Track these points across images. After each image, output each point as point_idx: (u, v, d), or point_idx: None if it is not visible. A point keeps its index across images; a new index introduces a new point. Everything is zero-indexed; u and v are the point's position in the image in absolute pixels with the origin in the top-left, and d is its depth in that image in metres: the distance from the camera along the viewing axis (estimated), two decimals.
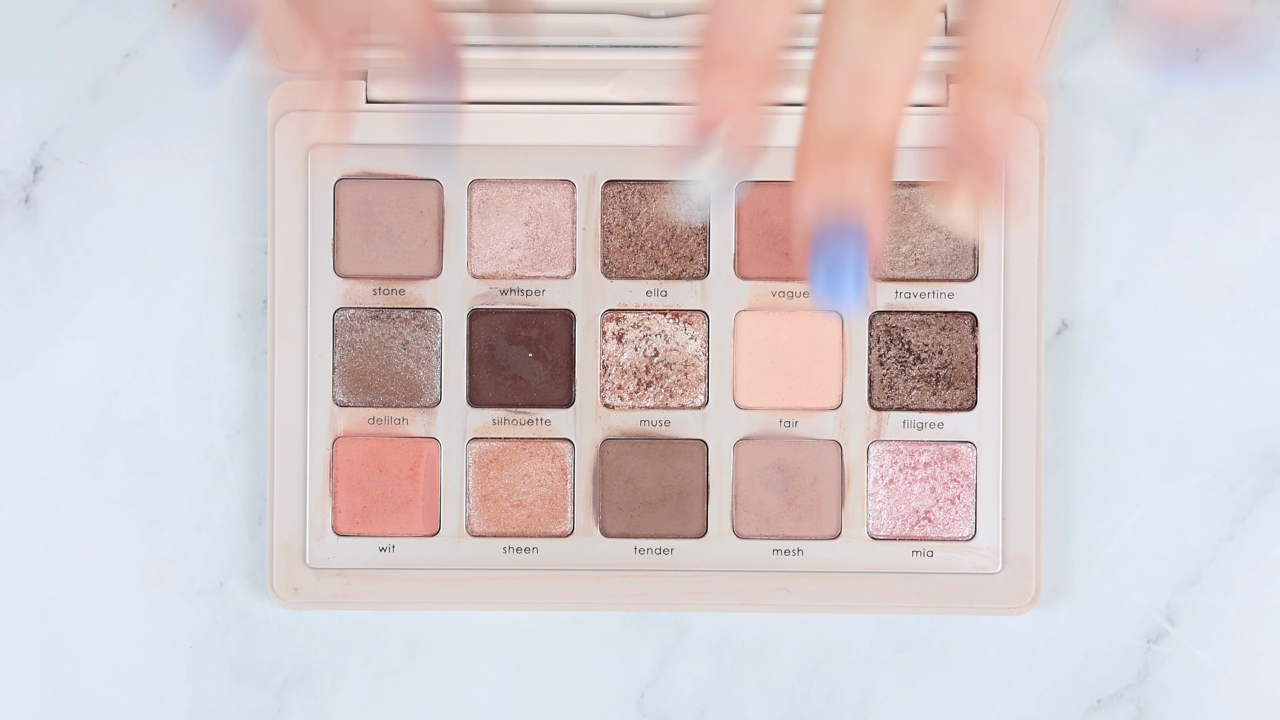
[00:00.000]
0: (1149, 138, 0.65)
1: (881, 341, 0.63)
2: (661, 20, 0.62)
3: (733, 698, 0.65)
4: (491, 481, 0.63)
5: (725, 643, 0.65)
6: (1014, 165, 0.63)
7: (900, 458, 0.63)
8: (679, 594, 0.63)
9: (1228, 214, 0.65)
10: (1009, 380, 0.63)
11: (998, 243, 0.63)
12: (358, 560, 0.63)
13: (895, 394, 0.63)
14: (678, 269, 0.63)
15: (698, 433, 0.63)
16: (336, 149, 0.63)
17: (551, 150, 0.63)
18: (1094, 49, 0.65)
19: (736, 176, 0.45)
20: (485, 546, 0.63)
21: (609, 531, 0.63)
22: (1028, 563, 0.63)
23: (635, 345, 0.63)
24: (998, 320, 0.63)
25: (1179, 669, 0.65)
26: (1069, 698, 0.65)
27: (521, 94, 0.63)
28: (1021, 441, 0.63)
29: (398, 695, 0.65)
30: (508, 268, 0.64)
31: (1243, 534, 0.65)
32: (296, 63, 0.62)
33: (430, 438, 0.63)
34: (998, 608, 0.63)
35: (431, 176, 0.63)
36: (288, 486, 0.63)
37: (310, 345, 0.63)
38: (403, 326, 0.63)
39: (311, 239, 0.63)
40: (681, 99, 0.44)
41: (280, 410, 0.63)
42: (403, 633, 0.65)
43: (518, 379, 0.63)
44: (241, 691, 0.65)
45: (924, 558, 0.63)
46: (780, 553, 0.63)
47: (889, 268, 0.63)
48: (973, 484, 0.63)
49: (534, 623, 0.65)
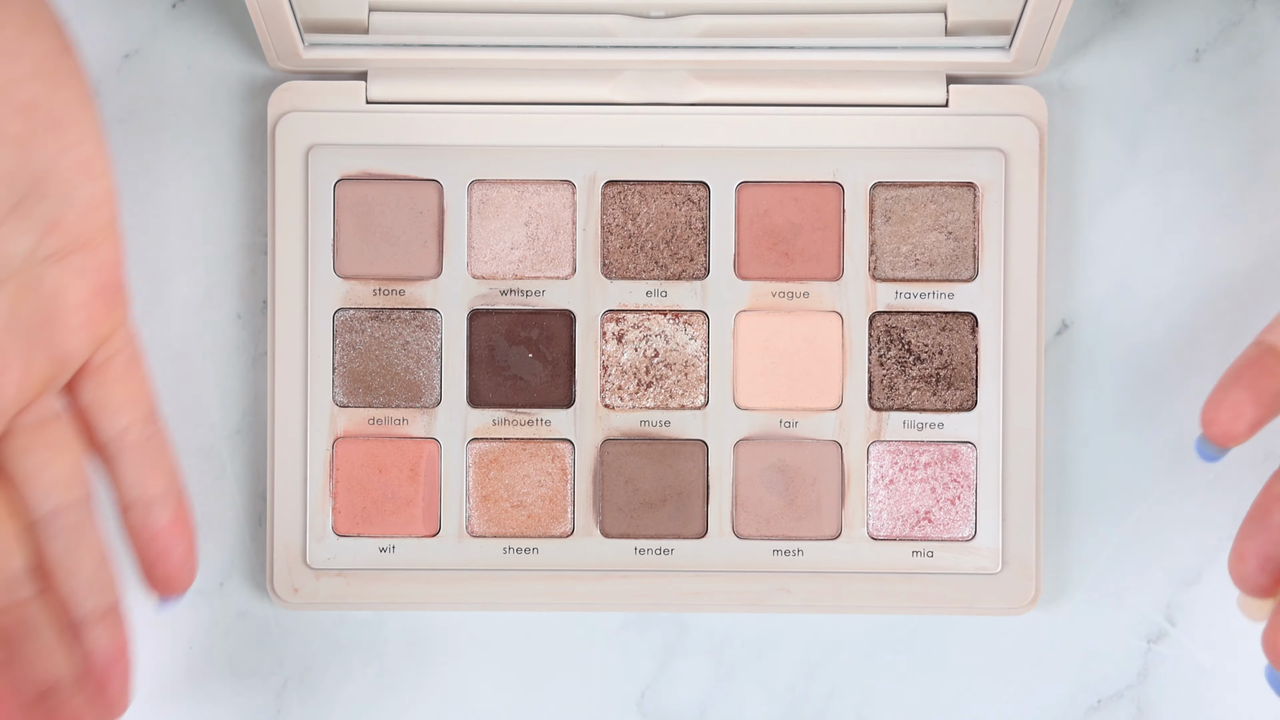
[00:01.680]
0: (1149, 138, 0.65)
1: (881, 342, 0.63)
2: (661, 21, 0.62)
3: (733, 698, 0.65)
4: (492, 482, 0.63)
5: (725, 643, 0.65)
6: (1014, 165, 0.63)
7: (900, 458, 0.63)
8: (679, 594, 0.63)
9: (1228, 214, 0.65)
10: (1009, 380, 0.63)
11: (997, 243, 0.63)
12: (358, 561, 0.63)
13: (895, 394, 0.63)
14: (678, 269, 0.63)
15: (698, 433, 0.63)
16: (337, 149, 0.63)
17: (551, 150, 0.63)
18: (1094, 49, 0.65)
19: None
20: (485, 547, 0.63)
21: (609, 532, 0.63)
22: (1028, 563, 0.63)
23: (635, 346, 0.63)
24: (998, 320, 0.63)
25: (1179, 669, 0.65)
26: (1069, 698, 0.65)
27: (521, 94, 0.63)
28: (1021, 442, 0.63)
29: (398, 695, 0.65)
30: (508, 268, 0.63)
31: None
32: (296, 63, 0.62)
33: (430, 438, 0.63)
34: (998, 608, 0.63)
35: (431, 177, 0.63)
36: (288, 487, 0.63)
37: (310, 346, 0.63)
38: (403, 327, 0.63)
39: (311, 239, 0.63)
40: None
41: (280, 411, 0.63)
42: (402, 633, 0.65)
43: (518, 379, 0.63)
44: (241, 691, 0.65)
45: (924, 558, 0.63)
46: (780, 553, 0.63)
47: (889, 268, 0.63)
48: (973, 484, 0.63)
49: (534, 623, 0.65)
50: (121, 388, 0.60)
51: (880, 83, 0.62)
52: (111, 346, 0.60)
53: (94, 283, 0.59)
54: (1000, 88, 0.63)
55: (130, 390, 0.60)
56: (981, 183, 0.63)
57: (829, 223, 0.63)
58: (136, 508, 0.61)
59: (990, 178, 0.63)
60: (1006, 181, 0.63)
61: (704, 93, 0.63)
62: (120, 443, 0.60)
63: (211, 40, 0.64)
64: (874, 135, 0.63)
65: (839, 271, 0.63)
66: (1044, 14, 0.59)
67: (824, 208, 0.63)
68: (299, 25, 0.61)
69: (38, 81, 0.57)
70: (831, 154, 0.63)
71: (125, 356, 0.61)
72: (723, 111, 0.63)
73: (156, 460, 0.61)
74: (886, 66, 0.62)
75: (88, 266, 0.59)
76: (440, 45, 0.62)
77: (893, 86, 0.62)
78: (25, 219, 0.58)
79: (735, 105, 0.63)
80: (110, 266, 0.60)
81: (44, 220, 0.58)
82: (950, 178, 0.63)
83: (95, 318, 0.60)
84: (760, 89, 0.62)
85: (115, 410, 0.60)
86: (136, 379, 0.61)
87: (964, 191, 0.63)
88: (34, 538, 0.59)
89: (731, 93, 0.63)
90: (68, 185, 0.58)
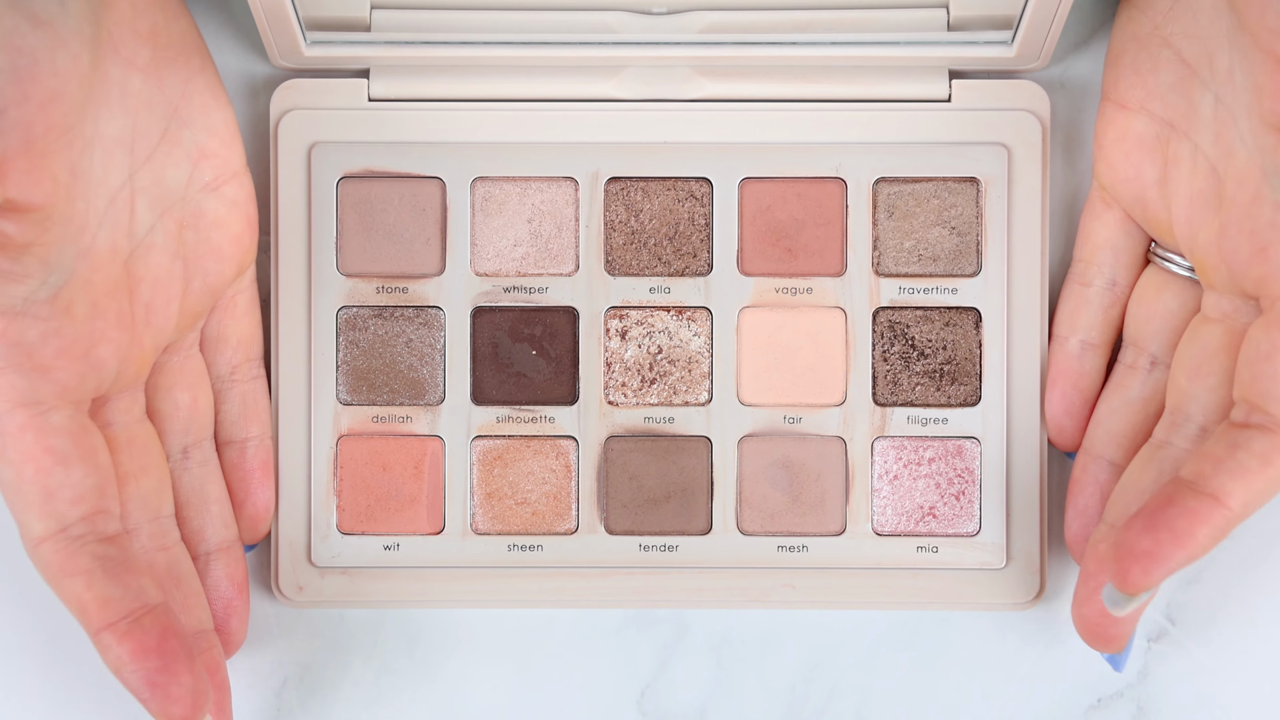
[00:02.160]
0: None
1: (885, 337, 0.63)
2: (663, 17, 0.62)
3: (733, 697, 0.65)
4: (496, 479, 0.63)
5: (725, 642, 0.65)
6: (1017, 159, 0.63)
7: (904, 453, 0.63)
8: (683, 591, 0.63)
9: None
10: (1013, 375, 0.63)
11: (1001, 238, 0.63)
12: (362, 559, 0.63)
13: (899, 390, 0.63)
14: (681, 266, 0.63)
15: (702, 429, 0.63)
16: (339, 146, 0.63)
17: (554, 147, 0.63)
18: (1094, 48, 0.65)
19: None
20: (489, 544, 0.63)
21: (613, 529, 0.63)
22: (1032, 558, 0.63)
23: (639, 342, 0.63)
24: (1001, 315, 0.63)
25: (1179, 669, 0.65)
26: (1069, 697, 0.65)
27: (524, 91, 0.63)
28: (1025, 437, 0.63)
29: (398, 695, 0.65)
30: (511, 265, 0.63)
31: (1243, 534, 0.65)
32: (298, 61, 0.62)
33: (434, 436, 0.63)
34: (1002, 603, 0.63)
35: (434, 174, 0.63)
36: (292, 485, 0.63)
37: (314, 344, 0.63)
38: (406, 324, 0.63)
39: (315, 237, 0.63)
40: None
41: (284, 409, 0.63)
42: (402, 632, 0.65)
43: (521, 376, 0.63)
44: (241, 691, 0.65)
45: (928, 553, 0.63)
46: (785, 549, 0.63)
47: (892, 263, 0.63)
48: (977, 479, 0.63)
49: (533, 622, 0.65)
50: (242, 325, 0.62)
51: (883, 78, 0.62)
52: (242, 282, 0.61)
53: (244, 213, 0.60)
54: (1003, 82, 0.63)
55: (248, 329, 0.62)
56: (984, 177, 0.63)
57: (832, 218, 0.63)
58: (233, 446, 0.61)
59: (993, 172, 0.63)
60: (1010, 176, 0.63)
61: (706, 89, 0.63)
62: (230, 379, 0.61)
63: (213, 38, 0.64)
64: (877, 130, 0.63)
65: (842, 267, 0.63)
66: (1046, 8, 0.59)
67: (827, 203, 0.63)
68: (301, 23, 0.61)
69: (155, 9, 0.58)
70: (834, 149, 0.63)
71: (249, 295, 0.62)
72: (725, 108, 0.63)
73: (258, 401, 0.62)
74: (889, 62, 0.62)
75: (239, 196, 0.60)
76: (443, 43, 0.62)
77: (895, 82, 0.62)
78: (175, 147, 0.59)
79: (738, 101, 0.63)
80: (252, 197, 0.60)
81: (193, 149, 0.59)
82: (953, 173, 0.63)
83: (245, 249, 0.61)
84: (763, 85, 0.63)
85: (233, 347, 0.62)
86: (254, 318, 0.62)
87: (967, 186, 0.63)
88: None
89: (734, 89, 0.63)
90: (204, 111, 0.59)
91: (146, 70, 0.57)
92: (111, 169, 0.56)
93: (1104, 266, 0.62)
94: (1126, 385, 0.62)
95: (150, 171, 0.58)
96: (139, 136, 0.57)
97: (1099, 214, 0.62)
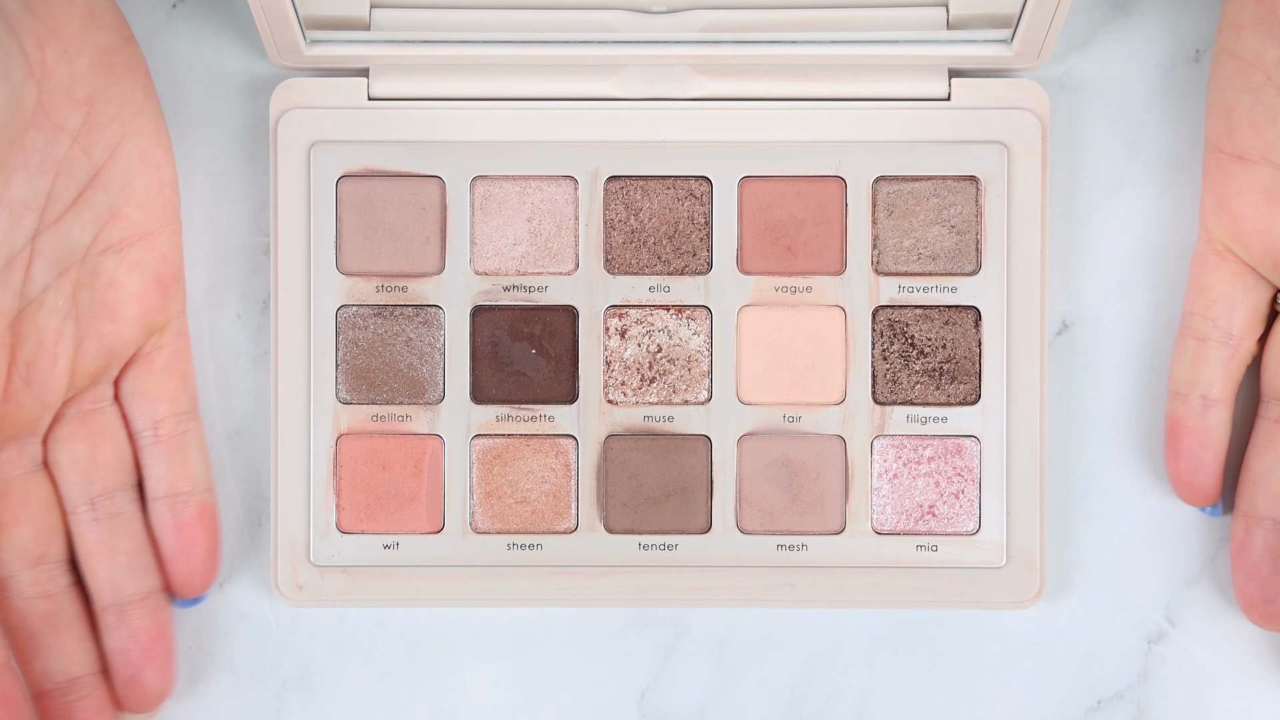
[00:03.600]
0: (1149, 138, 0.65)
1: (885, 336, 0.63)
2: (663, 16, 0.62)
3: (733, 698, 0.65)
4: (495, 478, 0.63)
5: (725, 642, 0.65)
6: (1017, 158, 0.63)
7: (904, 452, 0.63)
8: (683, 590, 0.63)
9: None
10: (1012, 374, 0.63)
11: (1000, 236, 0.63)
12: (362, 558, 0.63)
13: (899, 388, 0.63)
14: (680, 265, 0.63)
15: (701, 428, 0.63)
16: (339, 145, 0.63)
17: (554, 146, 0.63)
18: (1094, 48, 0.65)
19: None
20: (489, 543, 0.63)
21: (613, 528, 0.63)
22: (1032, 557, 0.63)
23: (638, 341, 0.63)
24: (1001, 314, 0.63)
25: (1179, 669, 0.65)
26: (1069, 698, 0.65)
27: (524, 90, 0.63)
28: (1025, 435, 0.63)
29: (397, 695, 0.65)
30: (510, 264, 0.63)
31: None
32: (298, 60, 0.62)
33: (434, 434, 0.63)
34: (1002, 602, 0.63)
35: (434, 173, 0.63)
36: (292, 484, 0.63)
37: (313, 343, 0.63)
38: (406, 323, 0.63)
39: (314, 236, 0.63)
40: None
41: (284, 408, 0.63)
42: (402, 632, 0.65)
43: (521, 375, 0.63)
44: (241, 691, 0.65)
45: (928, 552, 0.63)
46: (784, 548, 0.63)
47: (892, 262, 0.63)
48: (977, 478, 0.63)
49: (533, 622, 0.65)
50: (162, 379, 0.61)
51: (882, 77, 0.62)
52: (161, 338, 0.61)
53: (150, 274, 0.60)
54: (1002, 81, 0.63)
55: (170, 383, 0.62)
56: (984, 176, 0.63)
57: (831, 217, 0.63)
58: (162, 501, 0.61)
59: (993, 171, 0.63)
60: (1009, 174, 0.63)
61: (706, 88, 0.63)
62: (153, 434, 0.61)
63: (212, 38, 0.64)
64: (876, 129, 0.63)
65: (842, 266, 0.63)
66: (1045, 7, 0.59)
67: (826, 202, 0.63)
68: (301, 22, 0.61)
69: (97, 75, 0.58)
70: (834, 148, 0.63)
71: (172, 349, 0.62)
72: (725, 106, 0.63)
73: (187, 455, 0.62)
74: (888, 60, 0.62)
75: (145, 258, 0.60)
76: (442, 41, 0.62)
77: (894, 80, 0.62)
78: (86, 210, 0.59)
79: (737, 100, 0.63)
80: (167, 258, 0.60)
81: (104, 211, 0.59)
82: (952, 171, 0.63)
83: (150, 310, 0.60)
84: (762, 84, 0.63)
85: (152, 401, 0.61)
86: (178, 373, 0.62)
87: (966, 185, 0.63)
88: (69, 527, 0.61)
89: (733, 88, 0.63)
90: (127, 176, 0.59)
91: (76, 135, 0.58)
92: (17, 232, 0.57)
93: (1220, 320, 0.62)
94: (1276, 442, 0.61)
95: (55, 234, 0.58)
96: (53, 200, 0.58)
97: (1214, 267, 0.62)
